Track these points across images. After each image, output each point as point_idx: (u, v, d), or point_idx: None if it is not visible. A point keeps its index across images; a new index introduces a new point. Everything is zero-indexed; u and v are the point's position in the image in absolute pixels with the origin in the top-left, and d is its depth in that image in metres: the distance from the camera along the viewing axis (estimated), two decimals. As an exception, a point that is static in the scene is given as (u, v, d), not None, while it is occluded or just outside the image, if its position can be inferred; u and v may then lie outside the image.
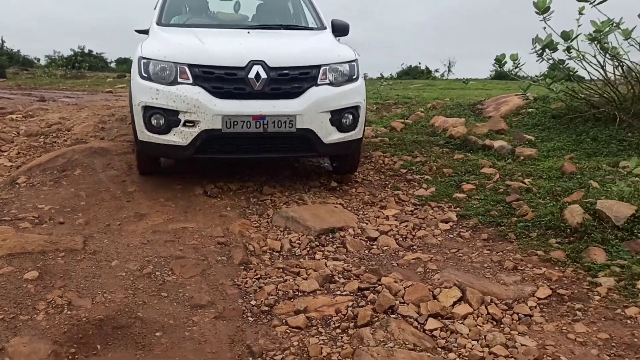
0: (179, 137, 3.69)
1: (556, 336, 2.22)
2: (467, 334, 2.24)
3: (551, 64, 5.52)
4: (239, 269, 2.90)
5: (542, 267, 2.83)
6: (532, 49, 5.30)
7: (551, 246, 3.03)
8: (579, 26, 5.10)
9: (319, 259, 3.03)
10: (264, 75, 3.71)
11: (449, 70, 41.46)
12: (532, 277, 2.73)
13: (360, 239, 3.33)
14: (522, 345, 2.15)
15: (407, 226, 3.51)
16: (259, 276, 2.81)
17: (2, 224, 3.30)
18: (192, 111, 3.64)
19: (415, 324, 2.32)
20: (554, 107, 5.88)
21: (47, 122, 6.64)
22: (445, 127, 5.82)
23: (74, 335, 2.18)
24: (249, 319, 2.42)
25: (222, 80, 3.70)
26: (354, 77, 4.05)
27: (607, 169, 4.06)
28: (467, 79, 16.03)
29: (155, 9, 4.82)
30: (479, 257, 3.02)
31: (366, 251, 3.19)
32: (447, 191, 4.11)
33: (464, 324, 2.31)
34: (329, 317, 2.40)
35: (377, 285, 2.66)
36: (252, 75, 3.69)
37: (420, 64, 38.93)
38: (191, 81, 3.69)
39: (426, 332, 2.27)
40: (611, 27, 4.91)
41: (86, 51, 34.29)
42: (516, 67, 5.94)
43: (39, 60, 31.89)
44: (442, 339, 2.22)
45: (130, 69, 4.13)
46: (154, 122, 3.72)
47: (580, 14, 5.08)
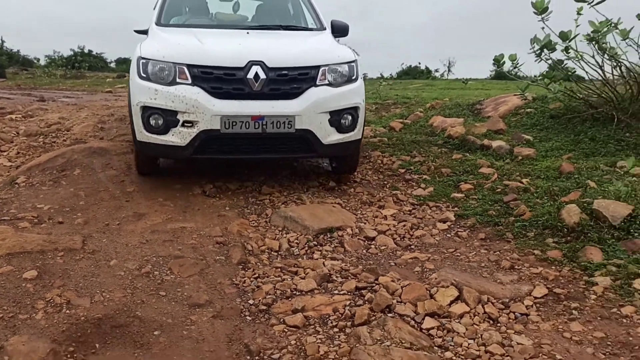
0: (178, 137, 3.68)
1: (552, 335, 2.24)
2: (464, 333, 2.25)
3: (551, 64, 5.53)
4: (237, 268, 2.91)
5: (538, 266, 2.84)
6: (531, 49, 5.32)
7: (548, 246, 3.04)
8: (577, 26, 5.11)
9: (317, 259, 3.05)
10: (262, 75, 3.70)
11: (449, 70, 41.50)
12: (528, 277, 2.74)
13: (358, 239, 3.34)
14: (518, 343, 2.16)
15: (405, 226, 3.52)
16: (257, 275, 2.82)
17: (2, 224, 3.31)
18: (191, 111, 3.63)
19: (412, 322, 2.33)
20: (553, 107, 5.89)
21: (46, 122, 6.65)
22: (443, 127, 5.83)
23: (72, 334, 2.19)
24: (247, 318, 2.44)
25: (221, 80, 3.69)
26: (353, 77, 4.04)
27: (605, 168, 4.06)
28: (466, 79, 16.04)
29: (154, 9, 4.83)
30: (476, 257, 3.04)
31: (364, 251, 3.20)
32: (445, 191, 4.12)
33: (461, 323, 2.32)
34: (327, 316, 2.41)
35: (374, 284, 2.67)
36: (251, 75, 3.69)
37: (420, 64, 38.95)
38: (190, 81, 3.68)
39: (423, 331, 2.28)
40: (609, 28, 4.93)
41: (86, 51, 34.27)
42: (515, 68, 5.97)
43: (38, 60, 31.91)
44: (439, 337, 2.23)
45: (129, 69, 4.14)
46: (152, 122, 3.72)
47: (578, 14, 5.09)
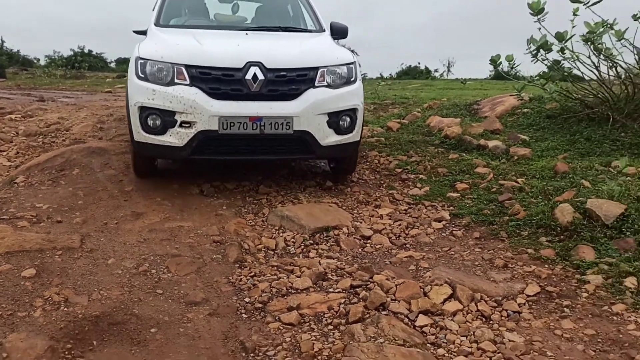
0: (175, 137, 3.68)
1: (543, 332, 2.27)
2: (457, 330, 2.28)
3: (549, 64, 5.56)
4: (233, 267, 2.94)
5: (532, 265, 2.87)
6: (527, 50, 5.35)
7: (541, 244, 3.08)
8: (574, 27, 5.15)
9: (313, 257, 3.07)
10: (261, 76, 3.70)
11: (449, 70, 41.52)
12: (521, 275, 2.77)
13: (354, 238, 3.37)
14: (509, 341, 2.20)
15: (400, 225, 3.55)
16: (253, 274, 2.85)
17: (1, 223, 3.34)
18: (189, 112, 3.62)
19: (405, 320, 2.36)
20: (549, 107, 5.92)
21: (46, 122, 6.68)
22: (440, 127, 5.86)
23: (70, 331, 2.22)
24: (243, 315, 2.47)
25: (219, 81, 3.68)
26: (352, 79, 4.03)
27: (600, 168, 4.09)
28: (465, 79, 16.08)
29: (153, 10, 4.85)
30: (470, 255, 3.07)
31: (360, 249, 3.23)
32: (441, 190, 4.15)
33: (454, 321, 2.35)
34: (322, 314, 2.44)
35: (369, 282, 2.70)
36: (249, 76, 3.68)
37: (419, 64, 39.00)
38: (188, 82, 3.67)
39: (416, 328, 2.31)
40: (605, 29, 4.96)
41: (86, 51, 34.29)
42: (511, 68, 6.00)
43: (38, 60, 31.98)
44: (432, 335, 2.26)
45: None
46: (150, 122, 3.71)
47: (574, 15, 5.13)
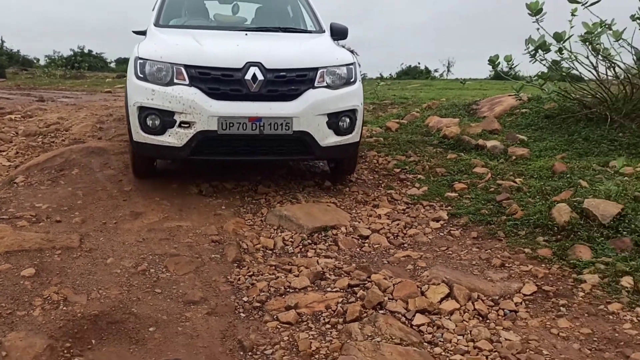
0: (174, 138, 3.67)
1: (540, 331, 2.28)
2: (453, 329, 2.30)
3: (549, 65, 5.57)
4: (232, 266, 2.95)
5: (529, 264, 2.88)
6: (525, 50, 5.36)
7: (538, 244, 3.09)
8: (572, 27, 5.17)
9: (311, 257, 3.09)
10: (260, 76, 3.69)
11: (448, 70, 41.52)
12: (518, 274, 2.79)
13: (352, 237, 3.38)
14: (506, 339, 2.21)
15: (398, 224, 3.56)
16: (251, 273, 2.87)
17: (0, 222, 3.35)
18: (188, 112, 3.62)
19: (402, 319, 2.37)
20: (547, 107, 5.93)
21: (45, 122, 6.69)
22: (439, 127, 5.87)
23: (69, 330, 2.24)
24: (241, 314, 2.48)
25: (218, 81, 3.68)
26: (352, 80, 4.02)
27: (597, 168, 4.11)
28: (464, 79, 16.09)
29: (153, 10, 4.86)
30: (467, 255, 3.08)
31: (357, 249, 3.24)
32: (439, 190, 4.16)
33: (451, 320, 2.37)
34: (319, 313, 2.46)
35: (366, 282, 2.71)
36: (248, 76, 3.67)
37: (419, 63, 39.01)
38: (187, 82, 3.67)
39: (413, 327, 2.32)
40: (603, 29, 4.97)
41: (86, 51, 34.26)
42: (510, 68, 6.02)
43: (38, 60, 31.97)
44: (429, 333, 2.28)
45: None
46: (149, 122, 3.70)
47: (572, 15, 5.14)
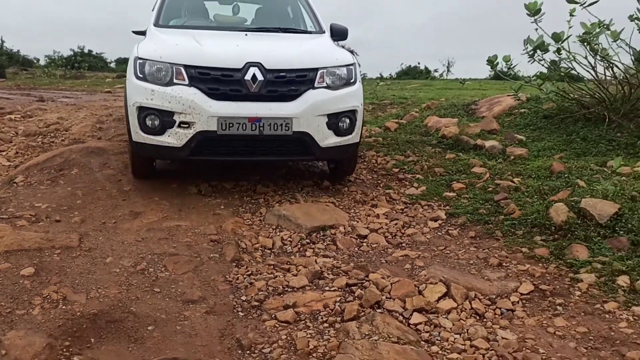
0: (174, 138, 3.67)
1: (536, 330, 2.30)
2: (450, 328, 2.31)
3: (548, 65, 5.58)
4: (230, 265, 2.97)
5: (526, 263, 2.90)
6: (524, 50, 5.38)
7: (536, 243, 3.11)
8: (570, 27, 5.18)
9: (309, 256, 3.10)
10: (260, 77, 3.69)
11: (448, 70, 41.48)
12: (516, 273, 2.80)
13: (350, 237, 3.39)
14: (502, 338, 2.22)
15: (396, 224, 3.58)
16: (250, 272, 2.88)
17: (0, 222, 3.37)
18: (187, 112, 3.61)
19: (400, 318, 2.39)
20: (546, 107, 5.94)
21: (45, 122, 6.71)
22: (438, 127, 5.88)
23: (68, 329, 2.25)
24: (239, 313, 2.50)
25: (218, 81, 3.68)
26: (352, 80, 4.02)
27: (595, 168, 4.12)
28: (464, 79, 16.09)
29: (153, 10, 4.87)
30: (465, 254, 3.09)
31: (356, 248, 3.26)
32: (438, 190, 4.17)
33: (448, 319, 2.38)
34: (317, 312, 2.47)
35: (364, 281, 2.72)
36: (248, 77, 3.67)
37: (419, 64, 38.93)
38: (187, 82, 3.67)
39: (410, 326, 2.34)
40: (601, 29, 4.99)
41: (86, 51, 34.25)
42: (509, 68, 6.03)
43: (38, 60, 31.96)
44: (426, 332, 2.29)
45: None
46: (148, 122, 3.70)
47: (571, 15, 5.15)
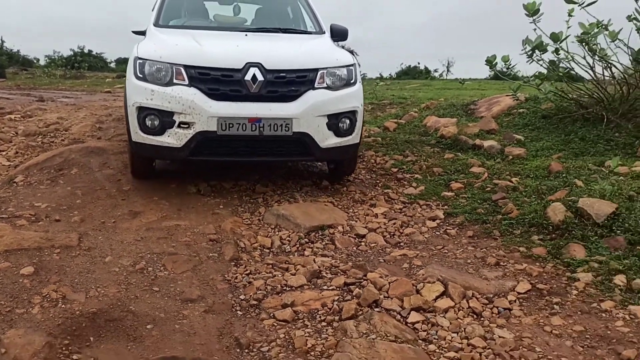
0: (173, 138, 3.66)
1: (533, 329, 2.31)
2: (448, 327, 2.33)
3: (547, 65, 5.60)
4: (229, 264, 2.98)
5: (523, 262, 2.91)
6: (522, 50, 5.39)
7: (533, 243, 3.12)
8: (569, 28, 5.19)
9: (308, 256, 3.12)
10: (260, 77, 3.68)
11: (448, 70, 41.39)
12: (513, 273, 2.82)
13: (349, 236, 3.41)
14: (499, 337, 2.24)
15: (395, 224, 3.59)
16: (248, 272, 2.89)
17: (0, 221, 3.38)
18: (187, 112, 3.60)
19: (398, 317, 2.40)
20: (545, 107, 5.96)
21: (45, 122, 6.72)
22: (437, 127, 5.89)
23: (67, 327, 2.26)
24: (238, 312, 2.51)
25: (218, 81, 3.67)
26: (352, 81, 4.02)
27: (593, 168, 4.13)
28: (463, 79, 16.06)
29: (153, 10, 4.87)
30: (463, 254, 3.11)
31: (354, 248, 3.27)
32: (436, 190, 4.18)
33: (445, 317, 2.40)
34: (315, 311, 2.48)
35: (362, 280, 2.74)
36: (248, 77, 3.66)
37: (419, 64, 38.75)
38: (187, 82, 3.66)
39: (408, 324, 2.35)
40: (599, 29, 5.00)
41: (86, 51, 34.22)
42: (507, 68, 6.05)
43: (38, 60, 31.89)
44: (424, 331, 2.31)
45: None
46: (148, 123, 3.69)
47: (569, 15, 5.17)
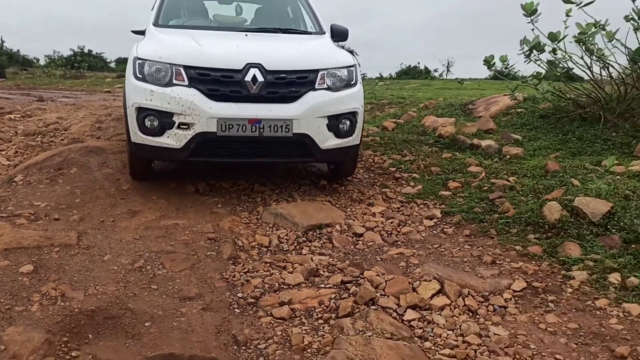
0: (173, 139, 3.65)
1: (528, 326, 2.33)
2: (444, 324, 2.35)
3: (546, 65, 5.62)
4: (227, 263, 3.00)
5: (519, 261, 2.93)
6: (520, 50, 5.41)
7: (529, 241, 3.14)
8: (566, 28, 5.21)
9: (305, 254, 3.14)
10: (260, 78, 3.66)
11: (448, 70, 41.40)
12: (509, 271, 2.84)
13: (346, 235, 3.43)
14: (494, 334, 2.26)
15: (392, 223, 3.61)
16: (246, 270, 2.91)
17: (0, 220, 3.40)
18: (187, 113, 3.59)
19: (394, 314, 2.42)
20: (542, 107, 5.98)
21: (44, 122, 6.73)
22: (435, 126, 5.92)
23: (66, 325, 2.28)
24: (236, 310, 2.53)
25: (218, 82, 3.65)
26: (352, 82, 4.01)
27: (590, 167, 4.15)
28: (462, 79, 16.08)
29: (152, 9, 4.87)
30: (459, 252, 3.13)
31: (351, 246, 3.29)
32: (434, 189, 4.21)
33: (441, 315, 2.42)
34: (312, 309, 2.50)
35: (359, 278, 2.76)
36: (248, 78, 3.65)
37: (419, 64, 38.80)
38: (186, 83, 3.64)
39: (404, 322, 2.37)
40: (597, 29, 5.02)
41: (86, 51, 34.24)
42: (506, 68, 6.07)
43: (38, 60, 31.92)
44: (419, 328, 2.33)
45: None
46: (147, 123, 3.68)
47: (567, 15, 5.19)
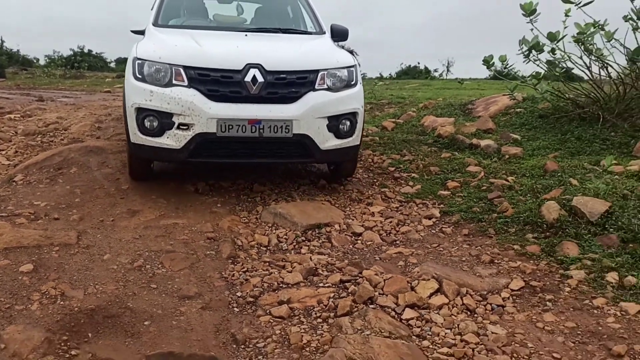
0: (173, 140, 3.64)
1: (526, 325, 2.34)
2: (442, 323, 2.36)
3: (546, 65, 5.63)
4: (226, 262, 3.01)
5: (517, 260, 2.94)
6: (519, 50, 5.42)
7: (527, 241, 3.15)
8: (566, 28, 5.22)
9: (304, 253, 3.15)
10: (260, 78, 3.66)
11: (448, 70, 41.36)
12: (507, 270, 2.85)
13: (345, 234, 3.44)
14: (492, 333, 2.27)
15: (391, 222, 3.62)
16: (245, 269, 2.93)
17: (0, 220, 3.41)
18: (187, 114, 3.58)
19: (392, 313, 2.43)
20: (542, 107, 5.99)
21: (44, 122, 6.74)
22: (434, 126, 5.92)
23: (66, 323, 2.29)
24: (235, 309, 2.54)
25: (217, 83, 3.65)
26: (353, 82, 4.00)
27: (588, 167, 4.16)
28: (462, 79, 16.09)
29: (152, 9, 4.87)
30: (458, 252, 3.14)
31: (350, 246, 3.30)
32: (432, 189, 4.22)
33: (439, 314, 2.43)
34: (311, 308, 2.51)
35: (358, 277, 2.77)
36: (248, 78, 3.64)
37: (419, 64, 38.70)
38: (186, 83, 3.64)
39: (402, 321, 2.38)
40: (595, 29, 5.03)
41: (85, 51, 34.21)
42: (505, 68, 6.08)
43: (38, 60, 31.88)
44: (418, 327, 2.34)
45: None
46: (147, 124, 3.67)
47: (566, 15, 5.20)
